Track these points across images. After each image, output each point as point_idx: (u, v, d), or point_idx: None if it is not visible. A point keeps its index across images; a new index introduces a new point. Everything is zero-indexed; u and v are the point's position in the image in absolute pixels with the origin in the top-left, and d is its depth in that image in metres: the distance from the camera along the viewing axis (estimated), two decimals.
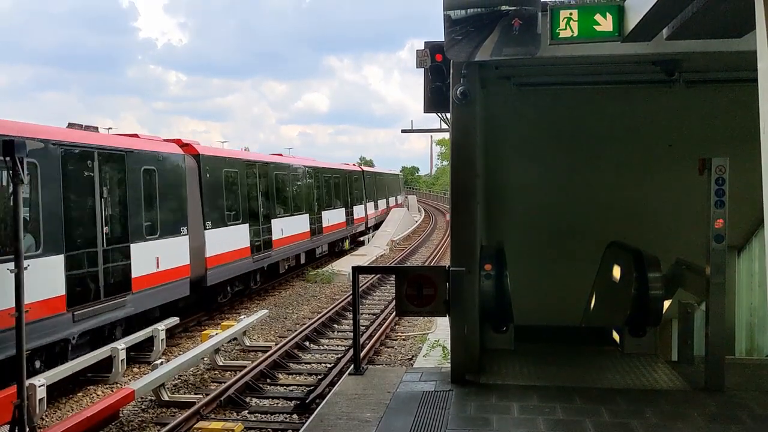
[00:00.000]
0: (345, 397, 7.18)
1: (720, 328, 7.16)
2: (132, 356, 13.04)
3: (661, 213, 10.26)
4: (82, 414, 9.06)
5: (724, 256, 7.04)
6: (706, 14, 5.07)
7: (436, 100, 7.95)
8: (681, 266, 8.60)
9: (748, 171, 3.84)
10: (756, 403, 6.84)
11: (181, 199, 15.78)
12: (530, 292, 9.89)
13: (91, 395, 11.45)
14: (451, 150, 7.94)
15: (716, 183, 6.95)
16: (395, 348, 14.76)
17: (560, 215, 10.47)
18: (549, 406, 6.74)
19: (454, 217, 7.97)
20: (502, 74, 8.52)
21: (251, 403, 10.95)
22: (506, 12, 6.53)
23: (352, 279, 8.24)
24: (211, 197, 17.72)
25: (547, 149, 10.24)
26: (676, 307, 8.70)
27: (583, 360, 8.46)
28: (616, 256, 9.62)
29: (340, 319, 17.50)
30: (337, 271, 25.37)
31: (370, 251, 32.70)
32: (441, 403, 6.92)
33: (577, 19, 6.37)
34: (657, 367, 8.05)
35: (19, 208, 8.11)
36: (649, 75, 8.22)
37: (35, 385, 9.11)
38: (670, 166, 9.86)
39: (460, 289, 7.50)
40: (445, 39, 6.73)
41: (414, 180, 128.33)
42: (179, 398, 11.04)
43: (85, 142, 12.30)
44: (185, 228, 15.74)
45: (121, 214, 13.39)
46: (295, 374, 12.70)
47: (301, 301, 20.73)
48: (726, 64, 7.79)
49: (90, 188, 12.37)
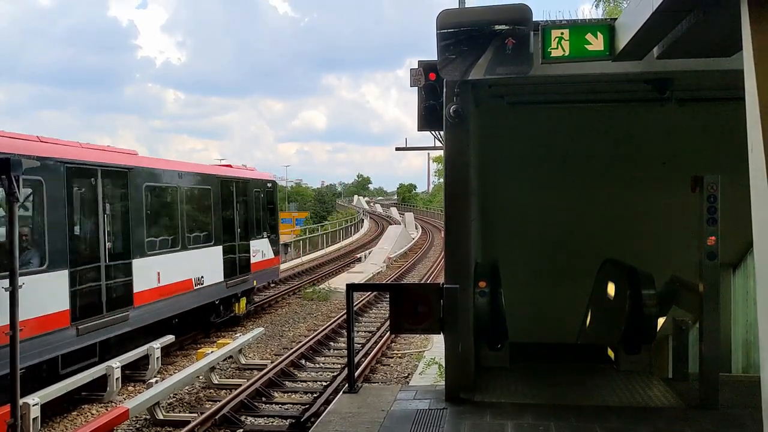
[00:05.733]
0: (339, 416, 7.16)
1: (714, 345, 7.17)
2: (127, 375, 12.99)
3: (655, 230, 10.30)
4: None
5: (717, 273, 7.07)
6: (695, 34, 5.14)
7: (429, 118, 8.01)
8: (675, 283, 8.63)
9: (743, 188, 3.88)
10: (751, 421, 6.82)
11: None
12: (525, 309, 9.90)
13: (85, 414, 11.38)
14: (444, 168, 7.98)
15: (708, 200, 6.99)
16: (391, 366, 14.71)
17: (555, 233, 10.50)
18: (543, 424, 6.72)
19: (449, 235, 7.99)
20: (496, 93, 8.59)
21: (246, 421, 10.89)
22: (499, 31, 6.60)
23: (347, 297, 8.25)
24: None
25: (540, 167, 10.30)
26: (672, 325, 8.71)
27: (579, 378, 8.45)
28: (610, 273, 9.64)
29: (336, 337, 17.45)
30: (334, 288, 25.34)
31: (366, 268, 32.68)
32: (435, 421, 6.90)
33: (569, 38, 6.44)
34: (652, 385, 8.04)
35: (15, 226, 8.10)
36: (641, 93, 8.30)
37: (29, 404, 9.07)
38: (663, 184, 9.92)
39: (454, 306, 7.50)
40: (438, 58, 6.80)
41: (411, 197, 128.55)
42: (174, 417, 10.97)
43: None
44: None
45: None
46: (291, 392, 12.65)
47: (298, 318, 20.67)
48: (717, 83, 7.86)
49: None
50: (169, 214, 15.88)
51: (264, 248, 21.02)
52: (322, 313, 21.50)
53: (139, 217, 14.05)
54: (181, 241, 15.76)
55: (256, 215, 20.64)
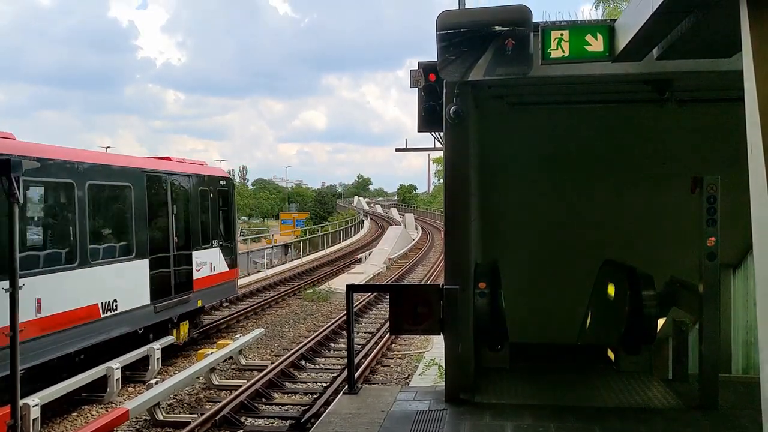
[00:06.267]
0: (339, 417, 7.16)
1: (714, 346, 7.17)
2: (127, 376, 12.99)
3: (655, 231, 10.29)
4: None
5: (716, 273, 7.07)
6: (694, 35, 5.14)
7: (429, 119, 8.02)
8: (675, 284, 8.62)
9: (743, 189, 3.87)
10: (750, 422, 6.82)
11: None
12: (525, 310, 9.90)
13: (85, 415, 11.38)
14: (444, 169, 7.99)
15: (708, 201, 7.00)
16: (391, 366, 14.71)
17: (555, 233, 10.50)
18: (543, 425, 6.72)
19: (448, 236, 8.00)
20: (495, 93, 8.59)
21: (246, 422, 10.89)
22: (499, 32, 6.61)
23: (347, 298, 8.26)
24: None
25: (540, 168, 10.30)
26: (672, 325, 8.71)
27: (578, 378, 8.45)
28: (610, 274, 9.64)
29: (336, 338, 17.45)
30: (334, 289, 25.34)
31: (367, 269, 32.69)
32: (435, 422, 6.90)
33: (568, 39, 6.44)
34: (652, 386, 8.04)
35: (15, 226, 8.09)
36: (640, 94, 8.30)
37: (29, 405, 9.07)
38: (663, 184, 9.92)
39: (454, 307, 7.51)
40: (438, 59, 6.81)
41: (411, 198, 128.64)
42: (174, 418, 10.97)
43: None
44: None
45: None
46: (291, 393, 12.65)
47: (298, 319, 20.67)
48: (716, 84, 7.86)
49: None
50: (61, 219, 11.85)
51: (213, 259, 16.91)
52: (322, 314, 21.50)
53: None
54: (79, 256, 11.64)
55: (203, 219, 16.59)
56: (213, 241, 17.00)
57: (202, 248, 16.33)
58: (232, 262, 18.23)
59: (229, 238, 18.20)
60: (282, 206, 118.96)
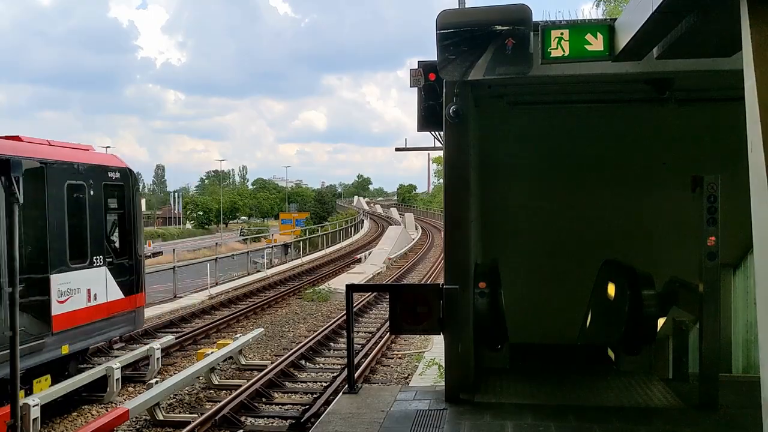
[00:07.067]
0: (339, 416, 7.16)
1: (714, 345, 7.16)
2: (127, 375, 12.98)
3: (655, 231, 10.28)
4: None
5: (716, 273, 7.06)
6: (694, 34, 5.13)
7: (429, 118, 8.00)
8: (675, 284, 8.61)
9: (743, 188, 3.86)
10: (750, 421, 6.80)
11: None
12: (525, 310, 9.88)
13: (85, 415, 11.38)
14: (444, 168, 7.98)
15: (708, 200, 6.98)
16: (391, 366, 14.71)
17: (555, 233, 10.48)
18: (543, 424, 6.72)
19: (448, 235, 7.98)
20: (495, 93, 8.58)
21: (246, 422, 10.89)
22: (499, 32, 6.60)
23: (346, 297, 8.25)
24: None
25: (540, 167, 10.28)
26: (672, 325, 8.70)
27: (579, 378, 8.44)
28: (610, 274, 9.63)
29: (336, 338, 17.45)
30: (334, 289, 25.36)
31: (366, 269, 32.71)
32: (435, 422, 6.90)
33: (568, 38, 6.43)
34: (652, 385, 8.03)
35: (15, 227, 8.08)
36: (641, 94, 8.29)
37: (29, 405, 9.07)
38: (664, 184, 9.90)
39: (454, 307, 7.49)
40: (438, 58, 6.80)
41: (411, 198, 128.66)
42: (174, 417, 10.98)
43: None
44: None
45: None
46: (291, 393, 12.65)
47: (298, 319, 20.68)
48: (716, 83, 7.84)
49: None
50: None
51: (94, 284, 11.98)
52: (322, 313, 21.51)
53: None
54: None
55: (79, 226, 11.68)
56: (94, 258, 12.05)
57: (75, 268, 11.49)
58: (131, 285, 13.10)
59: (126, 253, 13.14)
60: (282, 206, 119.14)
